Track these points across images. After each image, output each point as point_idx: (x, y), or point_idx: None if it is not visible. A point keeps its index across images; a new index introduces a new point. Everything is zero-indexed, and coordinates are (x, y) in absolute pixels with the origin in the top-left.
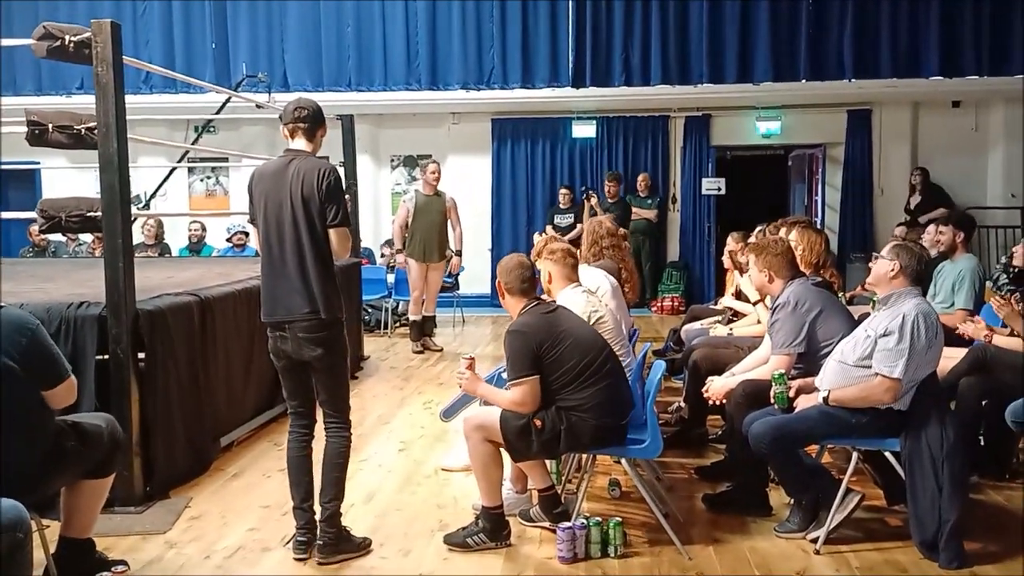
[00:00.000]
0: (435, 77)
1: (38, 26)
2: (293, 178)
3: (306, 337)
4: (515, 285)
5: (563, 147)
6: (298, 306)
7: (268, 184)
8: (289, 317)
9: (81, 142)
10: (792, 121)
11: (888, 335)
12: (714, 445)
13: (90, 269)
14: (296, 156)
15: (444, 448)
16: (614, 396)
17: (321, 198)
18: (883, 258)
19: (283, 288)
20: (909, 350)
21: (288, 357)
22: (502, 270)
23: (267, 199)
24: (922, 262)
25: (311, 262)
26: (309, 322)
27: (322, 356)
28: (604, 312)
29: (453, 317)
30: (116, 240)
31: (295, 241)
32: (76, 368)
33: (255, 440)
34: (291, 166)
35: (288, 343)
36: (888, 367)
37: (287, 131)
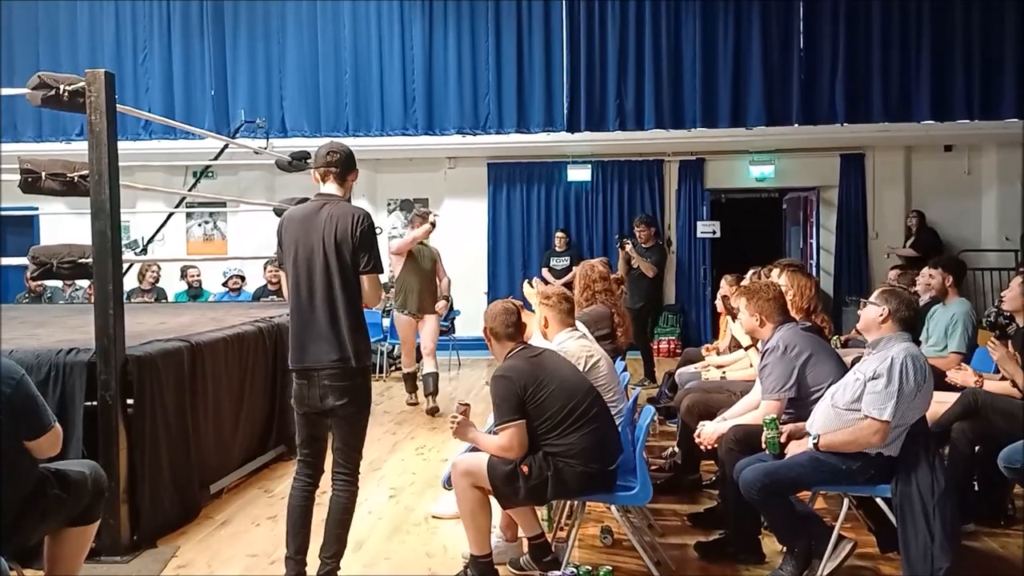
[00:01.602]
0: (432, 122)
1: (33, 75)
2: (326, 223)
3: (333, 385)
4: (500, 330)
5: (558, 191)
6: (327, 353)
7: (299, 228)
8: (318, 364)
9: (74, 189)
10: (786, 165)
11: (877, 378)
12: (708, 491)
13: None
14: (328, 200)
15: (435, 495)
16: (601, 442)
17: (355, 244)
18: (872, 304)
19: (312, 334)
20: (898, 393)
21: (312, 405)
22: (487, 316)
23: (298, 244)
24: (911, 307)
25: (342, 309)
26: (338, 370)
27: (347, 405)
28: (599, 356)
29: (449, 360)
30: (107, 286)
31: (326, 287)
32: (64, 414)
33: (245, 487)
34: (323, 211)
35: (314, 390)
36: (877, 409)
37: (318, 175)
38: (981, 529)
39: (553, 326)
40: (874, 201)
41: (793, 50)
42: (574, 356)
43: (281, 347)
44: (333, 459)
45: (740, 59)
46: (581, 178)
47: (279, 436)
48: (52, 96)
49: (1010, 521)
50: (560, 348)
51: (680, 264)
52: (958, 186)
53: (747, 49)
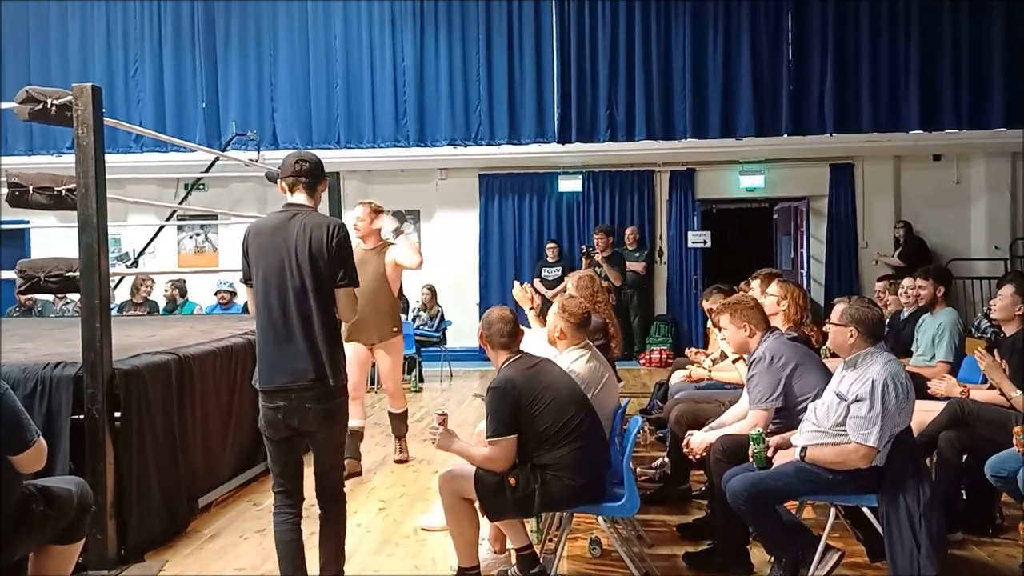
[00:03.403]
0: (423, 134)
1: (20, 90)
2: (299, 234)
3: (313, 407)
4: (496, 339)
5: (550, 201)
6: (304, 372)
7: (267, 240)
8: (294, 384)
9: (62, 203)
10: (776, 175)
11: (860, 401)
12: (698, 501)
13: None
14: (299, 211)
15: (425, 507)
16: (590, 455)
17: (330, 256)
18: (836, 325)
19: (285, 353)
20: (881, 416)
21: (287, 428)
22: (484, 323)
23: (266, 257)
24: (875, 317)
25: (318, 325)
26: (316, 390)
27: (328, 426)
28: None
29: (440, 371)
30: (94, 300)
31: (300, 302)
32: (51, 429)
33: (233, 501)
34: (294, 222)
35: (290, 412)
36: (862, 435)
37: (286, 185)
38: (969, 538)
39: (568, 339)
40: (863, 211)
41: (782, 61)
42: (583, 381)
43: None
44: (318, 487)
45: (730, 70)
46: (572, 189)
47: None
48: (40, 110)
49: (998, 530)
50: (568, 367)
51: (671, 274)
52: (947, 196)
53: (737, 60)
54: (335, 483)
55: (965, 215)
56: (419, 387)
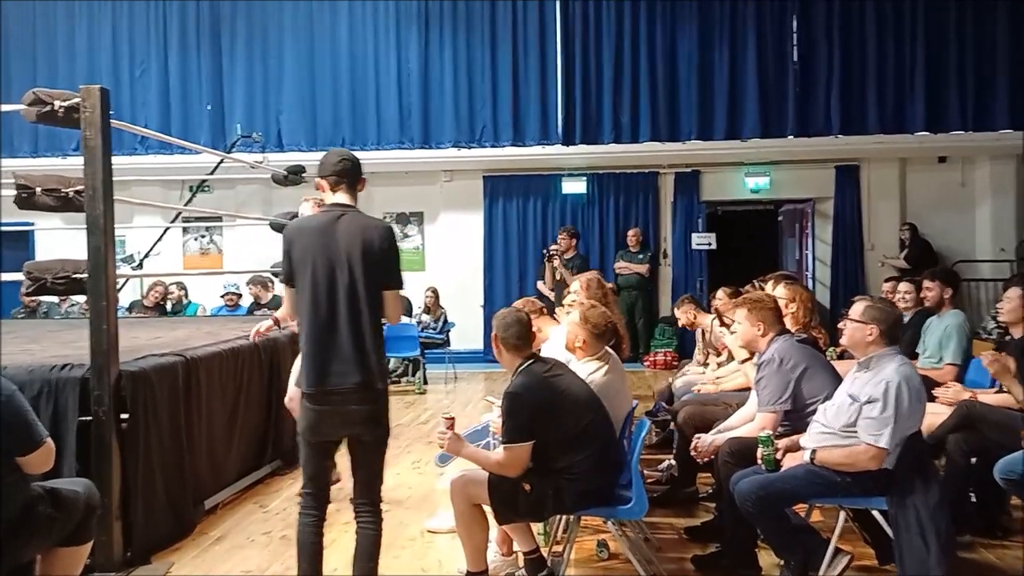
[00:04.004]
0: (427, 135)
1: (28, 92)
2: (349, 235)
3: (360, 410)
4: (511, 340)
5: (554, 203)
6: (352, 376)
7: (314, 241)
8: (342, 387)
9: (69, 205)
10: (781, 176)
11: (872, 402)
12: (705, 504)
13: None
14: (345, 211)
15: (431, 509)
16: (605, 459)
17: (380, 258)
18: (857, 321)
19: (334, 356)
20: (894, 418)
21: (332, 432)
22: (500, 324)
23: (315, 258)
24: (896, 320)
25: (367, 327)
26: (364, 393)
27: (374, 430)
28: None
29: (445, 374)
30: (101, 302)
31: (350, 304)
32: (57, 431)
33: (239, 503)
34: (342, 222)
35: (336, 416)
36: (873, 436)
37: (327, 184)
38: (978, 540)
39: (586, 350)
40: (869, 213)
41: (788, 62)
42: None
43: (277, 362)
44: (356, 490)
45: (735, 71)
46: (577, 191)
47: (274, 451)
48: (47, 112)
49: (1007, 532)
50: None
51: (676, 276)
52: (952, 198)
53: (742, 61)
54: (376, 489)
55: (970, 217)
56: (423, 389)
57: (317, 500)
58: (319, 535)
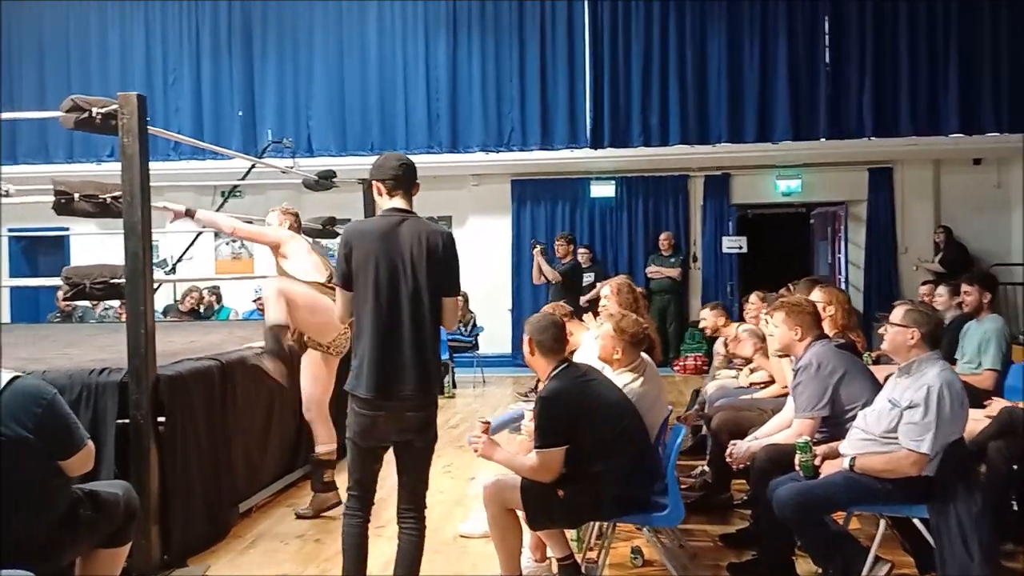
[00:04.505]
0: (456, 140)
1: (66, 99)
2: (413, 241)
3: (415, 415)
4: (547, 343)
5: (582, 207)
6: (411, 381)
7: (376, 245)
8: (402, 394)
9: (107, 210)
10: (813, 179)
11: (913, 407)
12: (739, 511)
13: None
14: (406, 217)
15: (463, 513)
16: (640, 464)
17: (444, 265)
18: (898, 325)
19: (395, 361)
20: (936, 423)
21: (385, 437)
22: (534, 328)
23: (378, 262)
24: (938, 325)
25: (429, 334)
26: (421, 399)
27: (425, 435)
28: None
29: (473, 377)
30: (139, 306)
31: (414, 309)
32: (96, 434)
33: (273, 506)
34: (404, 228)
35: (390, 421)
36: (915, 442)
37: (384, 188)
38: (1020, 549)
39: (622, 360)
40: (903, 215)
41: (819, 64)
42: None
43: None
44: (403, 497)
45: (766, 73)
46: (605, 194)
47: (307, 454)
48: (85, 119)
49: None
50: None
51: (706, 280)
52: (988, 200)
53: (773, 63)
54: (422, 495)
55: (1006, 220)
56: (452, 393)
57: (363, 503)
58: (365, 538)
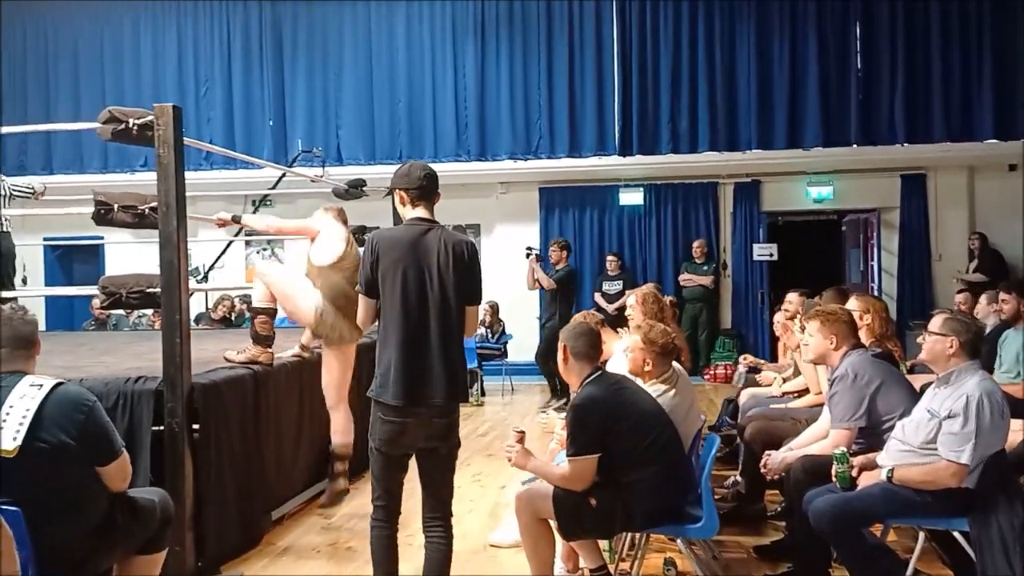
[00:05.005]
0: (484, 148)
1: (103, 110)
2: (440, 251)
3: (441, 422)
4: (582, 350)
5: (611, 215)
6: (439, 389)
7: (403, 254)
8: (431, 401)
9: (144, 221)
10: (845, 186)
11: (952, 417)
12: (773, 522)
13: (148, 342)
14: (432, 226)
15: (494, 523)
16: (673, 474)
17: (469, 274)
18: (937, 334)
19: (422, 369)
20: (975, 433)
21: (412, 445)
22: (569, 335)
23: (406, 271)
24: (978, 333)
25: (455, 342)
26: (447, 405)
27: (449, 442)
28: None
29: (502, 385)
30: (174, 315)
31: (442, 318)
32: (132, 441)
33: (305, 514)
34: (431, 237)
35: (418, 429)
36: (955, 452)
37: (408, 197)
38: None
39: (653, 371)
40: (937, 222)
41: (850, 69)
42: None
43: None
44: (428, 505)
45: (796, 79)
46: (634, 202)
47: None
48: (122, 130)
49: None
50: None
51: (736, 287)
52: None
53: (803, 69)
54: (448, 502)
55: None
56: (480, 401)
57: (390, 513)
58: (394, 547)
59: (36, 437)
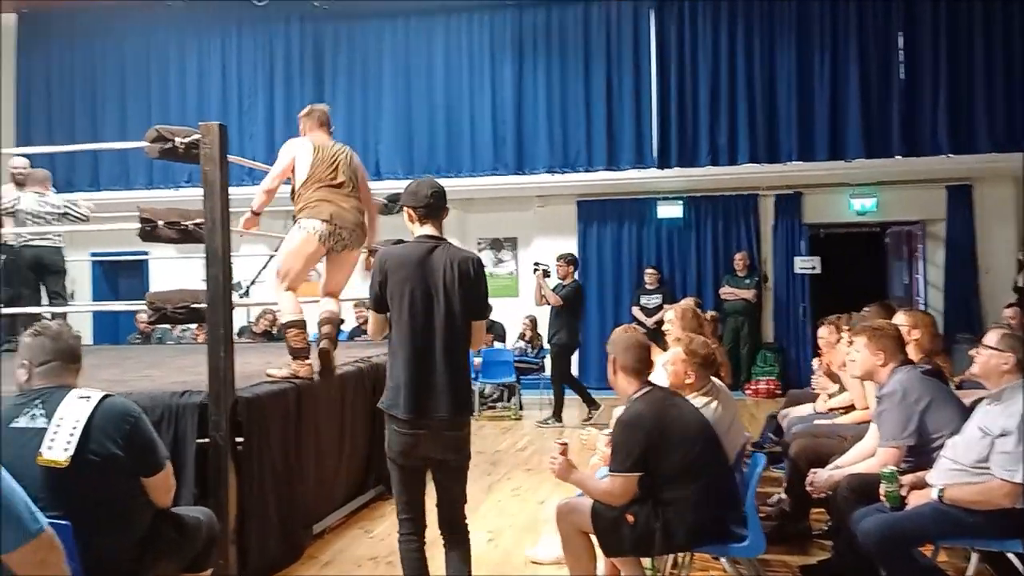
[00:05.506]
0: (521, 161)
1: (151, 129)
2: (446, 268)
3: (452, 435)
4: (630, 364)
5: (649, 228)
6: (446, 403)
7: (411, 272)
8: (437, 414)
9: (189, 237)
10: (888, 197)
11: (1006, 435)
12: (819, 541)
13: (192, 355)
14: (439, 244)
15: (534, 538)
16: (716, 493)
17: (475, 290)
18: (993, 349)
19: (429, 383)
20: None
21: (423, 457)
22: (619, 347)
23: (413, 288)
24: None
25: (460, 357)
26: (455, 419)
27: (460, 454)
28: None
29: (540, 399)
30: (219, 330)
31: (447, 334)
32: (177, 454)
33: (346, 527)
34: (437, 254)
35: (428, 440)
36: (1008, 471)
37: (416, 215)
38: None
39: (695, 384)
40: (983, 234)
41: (893, 78)
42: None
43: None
44: (444, 517)
45: (837, 89)
46: (672, 215)
47: (378, 476)
48: (169, 148)
49: None
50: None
51: (778, 301)
52: None
53: (844, 78)
54: (461, 511)
55: None
56: (519, 415)
57: (416, 525)
58: (424, 560)
59: (86, 449)
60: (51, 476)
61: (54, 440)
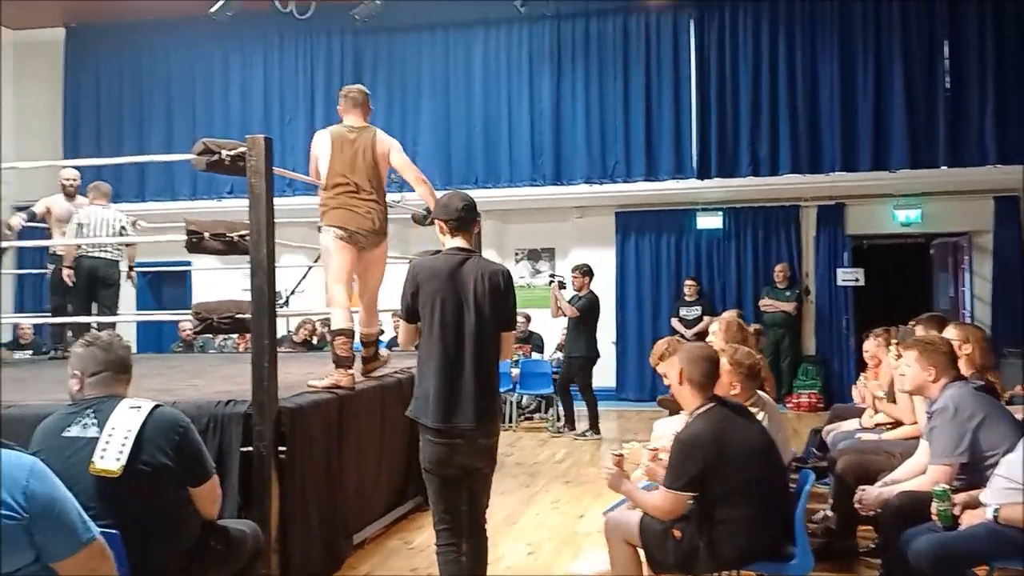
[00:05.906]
0: (559, 172)
1: (198, 142)
2: (477, 280)
3: (485, 444)
4: (697, 378)
5: (688, 239)
6: (478, 413)
7: (443, 284)
8: (469, 424)
9: (234, 248)
10: (934, 208)
11: None
12: (865, 559)
13: (235, 365)
14: (470, 256)
15: (574, 552)
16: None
17: (504, 302)
18: None
19: (460, 393)
20: None
21: (458, 466)
22: (688, 358)
23: (444, 299)
24: None
25: (490, 367)
26: (489, 428)
27: (489, 463)
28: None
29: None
30: (263, 340)
31: (478, 344)
32: (222, 463)
33: (385, 538)
34: (469, 266)
35: (463, 450)
36: None
37: (447, 227)
38: None
39: (741, 396)
40: None
41: (938, 87)
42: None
43: None
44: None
45: (881, 98)
46: (712, 226)
47: (417, 486)
48: (215, 161)
49: None
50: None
51: (820, 314)
52: None
53: (888, 87)
54: (483, 517)
55: None
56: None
57: (455, 534)
58: (464, 569)
59: (138, 459)
60: (103, 485)
61: (106, 450)
